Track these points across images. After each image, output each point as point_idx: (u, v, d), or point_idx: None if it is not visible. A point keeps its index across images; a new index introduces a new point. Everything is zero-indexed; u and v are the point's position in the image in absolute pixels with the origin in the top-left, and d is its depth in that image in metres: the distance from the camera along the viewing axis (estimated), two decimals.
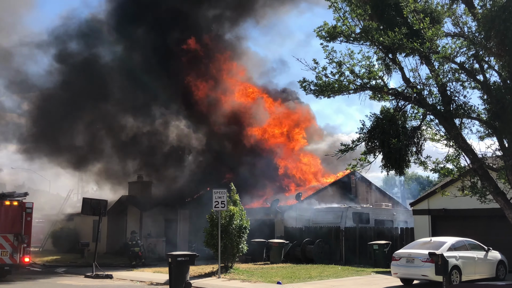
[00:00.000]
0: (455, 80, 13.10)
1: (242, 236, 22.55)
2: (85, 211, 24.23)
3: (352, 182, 35.33)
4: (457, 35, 13.08)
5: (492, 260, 19.36)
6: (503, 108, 12.25)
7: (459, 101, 13.09)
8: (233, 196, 22.93)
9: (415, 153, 13.21)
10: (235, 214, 22.24)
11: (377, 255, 24.14)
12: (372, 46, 13.32)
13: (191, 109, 39.11)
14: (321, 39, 13.24)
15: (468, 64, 13.05)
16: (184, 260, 18.24)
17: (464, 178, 13.86)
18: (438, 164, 13.39)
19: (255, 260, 27.28)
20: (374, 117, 13.34)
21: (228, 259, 22.35)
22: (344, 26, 13.14)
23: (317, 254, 26.58)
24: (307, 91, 13.47)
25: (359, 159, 13.22)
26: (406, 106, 13.66)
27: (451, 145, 13.41)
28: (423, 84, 13.24)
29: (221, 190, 21.33)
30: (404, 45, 12.30)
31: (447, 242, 18.35)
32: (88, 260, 28.16)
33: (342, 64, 13.16)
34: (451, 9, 13.12)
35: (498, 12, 11.59)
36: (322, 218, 29.51)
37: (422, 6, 12.90)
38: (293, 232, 29.15)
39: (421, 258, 17.48)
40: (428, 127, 13.64)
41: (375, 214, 30.32)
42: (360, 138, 13.37)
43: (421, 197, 25.36)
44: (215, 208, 21.00)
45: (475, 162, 12.99)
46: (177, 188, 36.84)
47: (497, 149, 13.06)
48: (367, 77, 13.15)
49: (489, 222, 21.80)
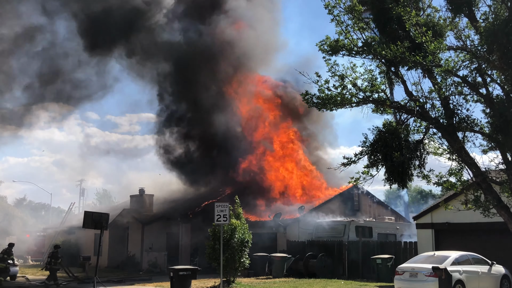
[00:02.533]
0: (458, 93, 13.10)
1: (244, 250, 22.41)
2: (87, 224, 24.07)
3: (355, 195, 35.22)
4: (460, 49, 13.10)
5: (496, 275, 19.20)
6: (506, 121, 12.22)
7: (462, 114, 13.09)
8: (236, 210, 22.83)
9: (418, 167, 13.16)
10: (237, 228, 22.12)
11: (380, 269, 23.97)
12: (375, 60, 13.35)
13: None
14: (323, 52, 13.28)
15: (470, 78, 13.06)
16: (186, 274, 18.19)
17: (468, 191, 13.80)
18: (441, 178, 13.36)
19: (257, 274, 27.11)
20: (376, 130, 13.31)
21: (230, 273, 22.21)
22: (347, 39, 13.17)
23: (320, 268, 26.39)
24: (310, 104, 13.47)
25: (362, 173, 13.18)
26: (409, 120, 13.65)
27: (454, 159, 13.37)
28: (425, 97, 13.24)
29: (223, 204, 21.20)
30: (407, 58, 12.31)
31: (450, 256, 18.22)
32: (89, 275, 28.02)
33: (345, 77, 13.16)
34: (453, 22, 13.15)
35: (500, 26, 11.62)
36: (325, 232, 29.36)
37: (424, 20, 12.93)
38: (295, 246, 28.99)
39: (424, 273, 17.35)
40: (431, 141, 13.62)
41: (378, 228, 30.14)
42: (362, 151, 13.34)
43: (424, 211, 25.21)
44: (217, 222, 20.90)
45: (478, 176, 12.94)
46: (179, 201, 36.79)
47: (500, 162, 13.02)
48: (369, 90, 13.15)
49: (492, 236, 21.63)
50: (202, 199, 35.65)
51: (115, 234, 36.48)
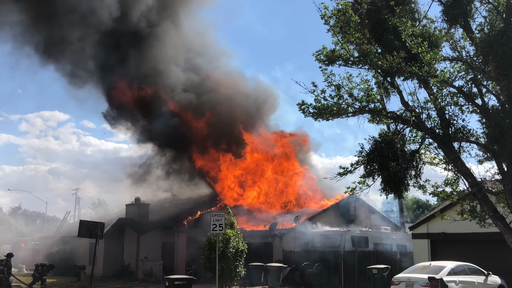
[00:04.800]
0: (454, 104, 13.12)
1: (240, 259, 22.32)
2: (82, 233, 24.03)
3: (351, 205, 35.18)
4: (456, 59, 13.14)
5: (492, 285, 19.19)
6: (501, 132, 12.24)
7: (457, 124, 13.09)
8: (229, 219, 22.75)
9: (414, 177, 13.14)
10: (231, 238, 22.03)
11: (376, 279, 23.90)
12: (371, 70, 13.37)
13: None
14: (319, 62, 13.31)
15: (466, 88, 13.09)
16: (182, 284, 18.13)
17: (463, 202, 13.80)
18: (437, 188, 13.36)
19: (253, 284, 27.01)
20: (373, 140, 13.32)
21: (225, 283, 22.11)
22: (343, 50, 13.21)
23: (316, 278, 26.31)
24: (306, 113, 13.47)
25: (358, 183, 13.17)
26: (405, 130, 13.66)
27: (450, 169, 13.37)
28: (421, 107, 13.25)
29: (219, 212, 21.15)
30: (403, 68, 12.34)
31: (446, 267, 18.20)
32: (84, 284, 27.88)
33: (341, 87, 13.19)
34: (449, 33, 13.19)
35: (496, 37, 11.67)
36: (321, 242, 29.31)
37: (420, 30, 12.98)
38: (291, 256, 28.91)
39: (420, 283, 17.32)
40: (427, 151, 13.62)
41: (374, 238, 30.12)
42: (359, 161, 13.34)
43: (420, 221, 25.23)
44: (213, 231, 20.81)
45: (474, 186, 12.94)
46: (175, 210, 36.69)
47: (496, 173, 13.02)
48: (365, 100, 13.17)
49: (488, 246, 21.66)
50: (198, 208, 35.58)
51: (110, 243, 36.33)
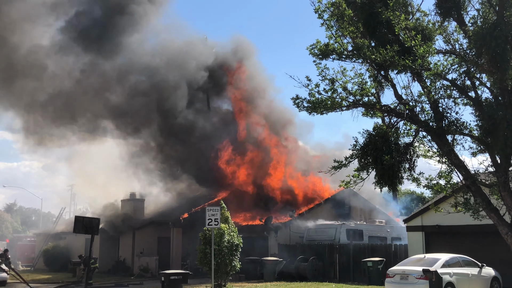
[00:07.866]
0: (447, 96, 13.17)
1: (235, 254, 22.37)
2: (78, 229, 23.94)
3: (345, 198, 35.27)
4: (449, 52, 13.16)
5: (486, 277, 19.29)
6: (495, 124, 12.31)
7: (451, 117, 13.14)
8: (224, 214, 22.75)
9: (408, 170, 13.19)
10: (225, 232, 22.04)
11: (371, 272, 24.03)
12: (365, 64, 13.39)
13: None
14: (313, 56, 13.32)
15: (460, 81, 13.14)
16: (177, 278, 18.17)
17: (457, 194, 13.85)
18: (431, 181, 13.42)
19: (249, 278, 27.10)
20: (366, 133, 13.35)
21: (221, 278, 22.17)
22: (336, 44, 13.23)
23: (311, 272, 26.42)
24: (300, 108, 13.49)
25: (352, 176, 13.22)
26: (399, 123, 13.70)
27: (443, 162, 13.43)
28: (415, 100, 13.29)
29: (214, 207, 21.18)
30: (396, 62, 12.36)
31: (441, 259, 18.29)
32: (80, 280, 27.89)
33: (335, 81, 13.21)
34: (442, 26, 13.21)
35: (489, 30, 11.70)
36: (316, 235, 29.41)
37: (413, 24, 13.00)
38: (287, 250, 29.00)
39: (415, 275, 17.42)
40: (420, 144, 13.67)
41: (369, 231, 30.24)
42: (353, 154, 13.38)
43: (415, 214, 25.32)
44: (208, 225, 20.84)
45: (468, 179, 13.00)
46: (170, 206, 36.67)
47: (489, 165, 13.08)
48: (359, 94, 13.20)
49: (482, 238, 21.76)
50: (193, 203, 35.55)
51: (106, 239, 36.32)
